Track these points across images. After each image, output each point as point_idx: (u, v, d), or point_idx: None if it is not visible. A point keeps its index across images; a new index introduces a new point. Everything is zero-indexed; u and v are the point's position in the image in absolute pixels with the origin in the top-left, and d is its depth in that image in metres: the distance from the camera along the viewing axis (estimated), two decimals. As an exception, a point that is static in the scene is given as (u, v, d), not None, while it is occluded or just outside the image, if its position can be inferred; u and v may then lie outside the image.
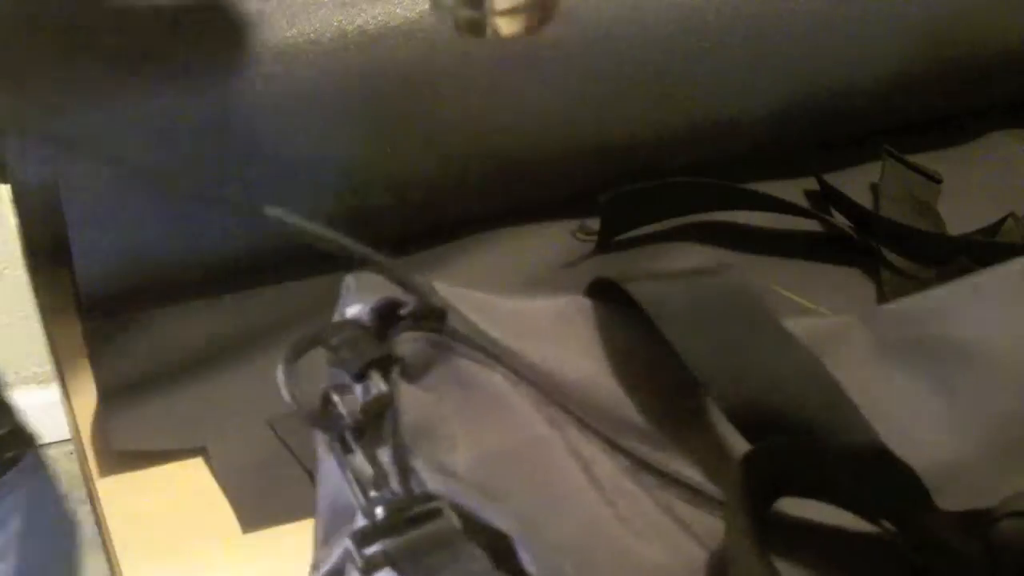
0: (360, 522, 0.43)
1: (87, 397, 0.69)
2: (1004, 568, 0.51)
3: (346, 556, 0.47)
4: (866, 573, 0.53)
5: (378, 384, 0.44)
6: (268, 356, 0.71)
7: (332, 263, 0.64)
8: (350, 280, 0.48)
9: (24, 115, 0.69)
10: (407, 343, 0.46)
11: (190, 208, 0.72)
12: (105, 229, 0.71)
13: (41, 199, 0.71)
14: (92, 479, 0.66)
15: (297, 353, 0.43)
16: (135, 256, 0.72)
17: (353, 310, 0.46)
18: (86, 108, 0.70)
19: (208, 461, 0.66)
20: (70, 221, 0.70)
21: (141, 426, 0.67)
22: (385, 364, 0.44)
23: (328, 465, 0.47)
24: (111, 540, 0.63)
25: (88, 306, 0.72)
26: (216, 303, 0.75)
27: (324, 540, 0.49)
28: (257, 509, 0.64)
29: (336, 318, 0.48)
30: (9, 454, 0.74)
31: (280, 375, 0.42)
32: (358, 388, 0.44)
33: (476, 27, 0.51)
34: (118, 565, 0.62)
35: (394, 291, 0.47)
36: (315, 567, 0.49)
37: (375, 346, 0.44)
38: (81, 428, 0.68)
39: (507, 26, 0.51)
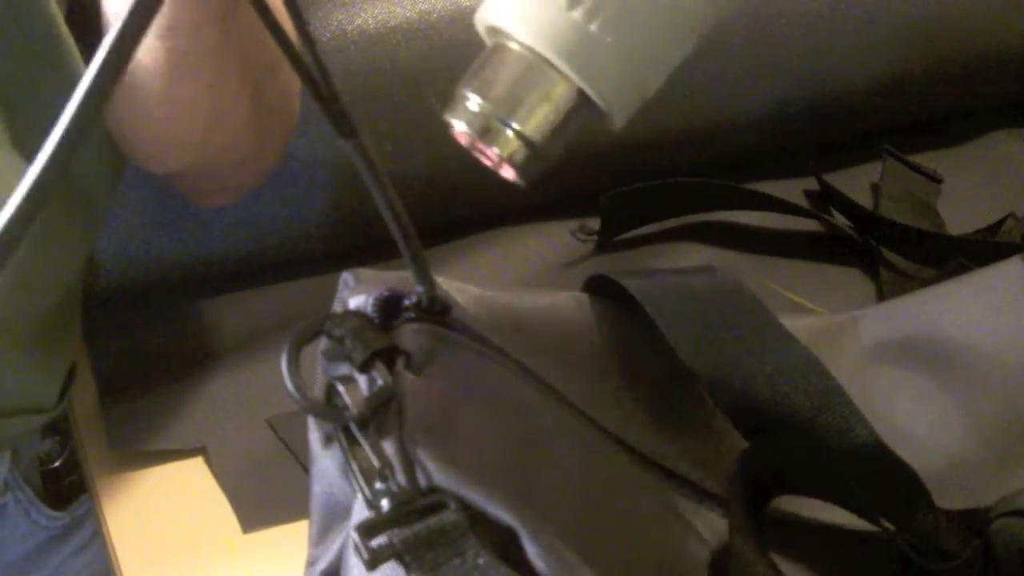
0: (360, 515, 0.43)
1: (87, 397, 0.69)
2: (1000, 566, 0.51)
3: (344, 552, 0.47)
4: (864, 570, 0.54)
5: (383, 375, 0.43)
6: (268, 356, 0.71)
7: (331, 263, 0.65)
8: (348, 276, 0.48)
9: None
10: (411, 335, 0.46)
11: (190, 208, 0.72)
12: (105, 229, 0.71)
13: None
14: (92, 479, 0.66)
15: (300, 344, 0.42)
16: (135, 256, 0.72)
17: (356, 301, 0.46)
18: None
19: (208, 461, 0.66)
20: (70, 221, 0.70)
21: (141, 426, 0.67)
22: (390, 355, 0.44)
23: (323, 462, 0.47)
24: (111, 540, 0.63)
25: (88, 306, 0.72)
26: (216, 303, 0.75)
27: (319, 537, 0.49)
28: (257, 509, 0.63)
29: (335, 311, 0.48)
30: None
31: (283, 366, 0.42)
32: (362, 379, 0.44)
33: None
34: (118, 565, 0.62)
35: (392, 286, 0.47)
36: (311, 564, 0.49)
37: (379, 337, 0.44)
38: (81, 428, 0.68)
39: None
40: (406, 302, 0.46)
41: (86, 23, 0.58)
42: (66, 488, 0.74)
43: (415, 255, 0.44)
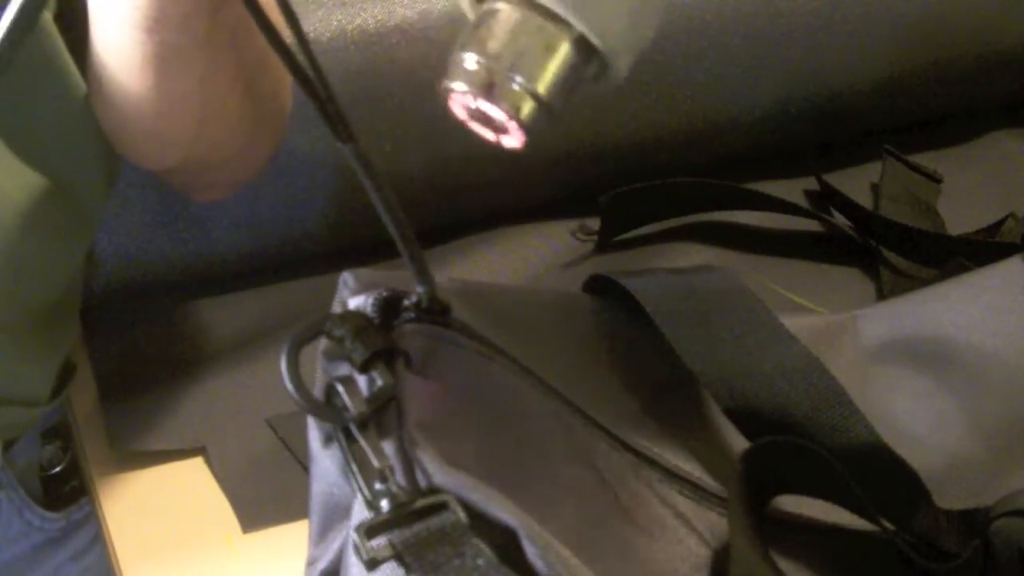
0: (360, 515, 0.43)
1: (87, 397, 0.69)
2: (1000, 566, 0.51)
3: (343, 551, 0.47)
4: (864, 570, 0.54)
5: (382, 376, 0.43)
6: (268, 356, 0.71)
7: (331, 263, 0.65)
8: (347, 276, 0.48)
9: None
10: (411, 335, 0.46)
11: (190, 208, 0.72)
12: (105, 229, 0.71)
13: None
14: (92, 479, 0.66)
15: (300, 344, 0.42)
16: (135, 256, 0.72)
17: (356, 302, 0.46)
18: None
19: (208, 461, 0.66)
20: (70, 221, 0.70)
21: (141, 426, 0.67)
22: (389, 356, 0.44)
23: (322, 462, 0.47)
24: (111, 540, 0.63)
25: (88, 306, 0.72)
26: (216, 303, 0.75)
27: (319, 537, 0.49)
28: (257, 509, 0.63)
29: (335, 311, 0.48)
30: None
31: (283, 366, 0.42)
32: (362, 379, 0.44)
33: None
34: (118, 564, 0.62)
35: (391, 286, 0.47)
36: (310, 564, 0.49)
37: (379, 337, 0.44)
38: (81, 428, 0.68)
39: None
40: (406, 302, 0.46)
41: (74, 20, 0.58)
42: (66, 493, 0.74)
43: (414, 256, 0.44)
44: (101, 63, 0.56)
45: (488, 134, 0.43)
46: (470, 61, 0.41)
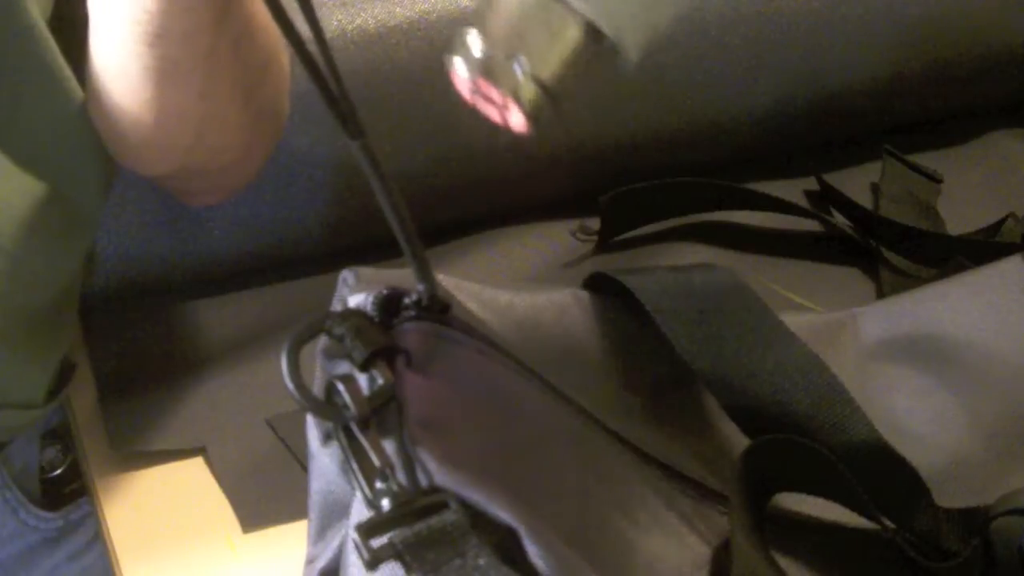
0: (360, 514, 0.43)
1: (87, 397, 0.69)
2: (1000, 565, 0.51)
3: (343, 549, 0.47)
4: (864, 568, 0.54)
5: (383, 374, 0.43)
6: (268, 356, 0.71)
7: (331, 263, 0.65)
8: (348, 274, 0.48)
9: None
10: (411, 333, 0.45)
11: (190, 208, 0.72)
12: (105, 229, 0.71)
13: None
14: (92, 479, 0.66)
15: (300, 342, 0.42)
16: (135, 256, 0.72)
17: (356, 299, 0.46)
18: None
19: (208, 461, 0.66)
20: (70, 221, 0.70)
21: (141, 426, 0.67)
22: (390, 354, 0.44)
23: (321, 460, 0.47)
24: (111, 540, 0.63)
25: (88, 306, 0.72)
26: (216, 303, 0.75)
27: (318, 535, 0.49)
28: (256, 509, 0.63)
29: (335, 309, 0.48)
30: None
31: (283, 364, 0.41)
32: (362, 378, 0.44)
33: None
34: (118, 564, 0.62)
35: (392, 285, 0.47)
36: (310, 562, 0.49)
37: (380, 336, 0.44)
38: (81, 428, 0.68)
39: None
40: (406, 300, 0.46)
41: (67, 26, 0.58)
42: (66, 495, 0.74)
43: (416, 253, 0.44)
44: (100, 74, 0.56)
45: (492, 114, 0.42)
46: (473, 40, 0.40)
